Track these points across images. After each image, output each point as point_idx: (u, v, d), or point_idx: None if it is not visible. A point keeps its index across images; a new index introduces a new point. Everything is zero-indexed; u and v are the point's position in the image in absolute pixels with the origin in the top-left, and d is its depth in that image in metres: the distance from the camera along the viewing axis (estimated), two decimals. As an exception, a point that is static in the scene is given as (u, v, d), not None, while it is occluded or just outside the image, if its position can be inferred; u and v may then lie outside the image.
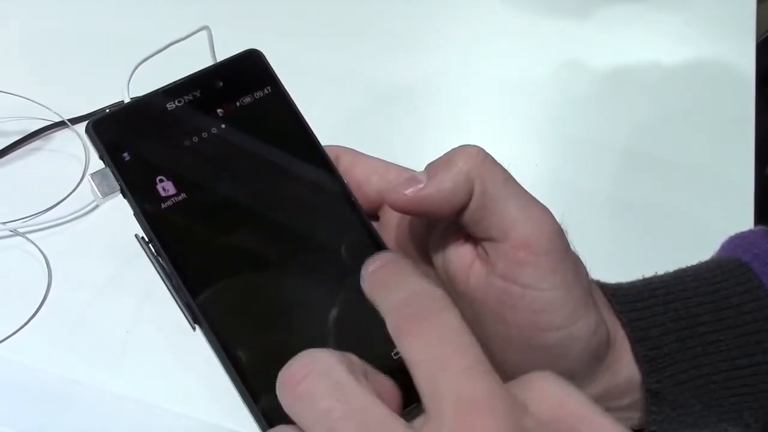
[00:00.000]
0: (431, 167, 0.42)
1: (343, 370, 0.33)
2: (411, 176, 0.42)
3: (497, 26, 0.91)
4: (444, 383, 0.31)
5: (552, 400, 0.33)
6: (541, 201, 0.43)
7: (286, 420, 0.33)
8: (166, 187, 0.41)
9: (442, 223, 0.44)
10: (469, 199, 0.41)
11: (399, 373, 0.35)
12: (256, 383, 0.38)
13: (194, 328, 0.40)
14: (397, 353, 0.41)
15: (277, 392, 0.33)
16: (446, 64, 0.86)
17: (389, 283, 0.36)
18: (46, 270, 0.64)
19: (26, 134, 0.74)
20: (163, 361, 0.58)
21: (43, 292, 0.63)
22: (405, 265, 0.36)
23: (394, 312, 0.34)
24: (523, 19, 0.92)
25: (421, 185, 0.41)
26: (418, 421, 0.31)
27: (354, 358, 0.35)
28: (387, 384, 0.35)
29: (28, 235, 0.66)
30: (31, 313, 0.61)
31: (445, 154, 0.42)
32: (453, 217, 0.42)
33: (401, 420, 0.31)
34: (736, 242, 0.53)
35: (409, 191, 0.41)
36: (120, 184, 0.40)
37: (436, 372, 0.31)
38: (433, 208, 0.42)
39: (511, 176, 0.42)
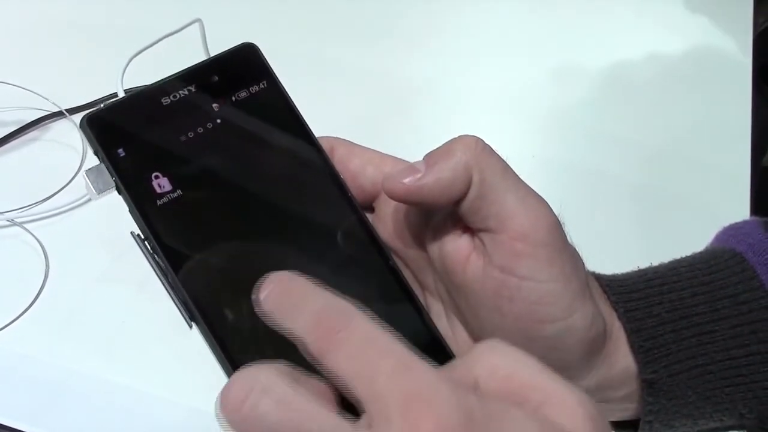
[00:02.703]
0: (430, 157, 0.42)
1: (283, 382, 0.32)
2: (409, 165, 0.42)
3: (495, 21, 0.91)
4: (380, 387, 0.30)
5: (500, 372, 0.32)
6: (538, 193, 0.43)
7: None
8: (161, 184, 0.40)
9: (438, 213, 0.44)
10: (467, 190, 0.41)
11: None
12: None
13: (191, 326, 0.40)
14: None
15: (220, 416, 0.33)
16: (443, 58, 0.86)
17: (292, 306, 0.34)
18: (44, 260, 0.64)
19: (23, 124, 0.74)
20: (159, 351, 0.58)
21: (41, 282, 0.63)
22: (300, 283, 0.35)
23: (307, 335, 0.33)
24: (521, 14, 0.92)
25: (419, 174, 0.41)
26: (362, 422, 0.31)
27: (283, 366, 0.34)
28: (319, 385, 0.34)
29: (25, 225, 0.66)
30: (29, 303, 0.61)
31: (443, 144, 0.42)
32: (450, 207, 0.42)
33: (349, 423, 0.31)
34: (731, 233, 0.53)
35: (407, 180, 0.41)
36: (115, 181, 0.40)
37: (369, 380, 0.31)
38: (431, 198, 0.41)
39: (510, 167, 0.42)
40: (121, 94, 0.55)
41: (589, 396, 0.32)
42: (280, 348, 0.39)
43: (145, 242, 0.40)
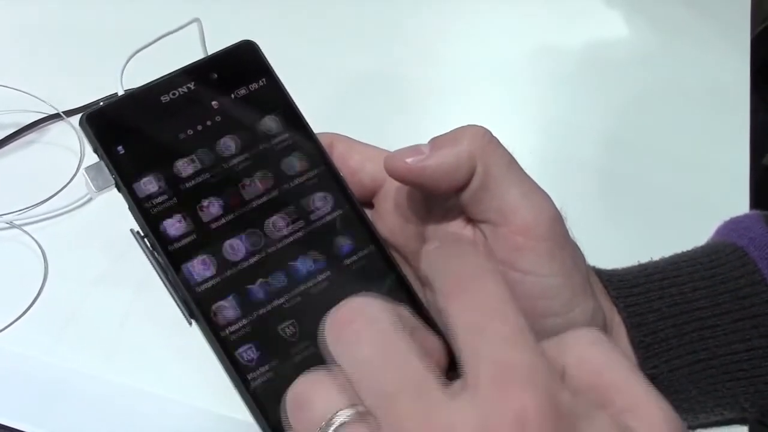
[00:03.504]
0: (436, 141, 0.42)
1: (390, 320, 0.32)
2: (413, 146, 0.42)
3: (495, 22, 0.91)
4: (483, 350, 0.30)
5: (590, 366, 0.32)
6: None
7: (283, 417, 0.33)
8: (161, 181, 0.40)
9: (439, 207, 0.44)
10: (470, 179, 0.41)
11: None
12: (253, 377, 0.38)
13: (190, 323, 0.40)
14: None
15: (323, 333, 0.32)
16: (440, 57, 0.86)
17: (444, 259, 0.34)
18: (43, 261, 0.64)
19: (21, 127, 0.73)
20: (158, 351, 0.58)
21: (40, 284, 0.63)
22: (462, 245, 0.35)
23: (442, 280, 0.33)
24: (521, 14, 0.92)
25: (423, 156, 0.41)
26: (457, 385, 0.30)
27: (404, 311, 0.34)
28: (434, 342, 0.34)
29: (24, 227, 0.66)
30: (28, 304, 0.61)
31: (451, 131, 0.42)
32: (450, 194, 0.42)
33: (439, 379, 0.30)
34: (731, 227, 0.53)
35: (410, 159, 0.41)
36: (114, 178, 0.40)
37: (476, 338, 0.30)
38: (432, 181, 0.41)
39: (515, 161, 0.42)
40: (121, 94, 0.55)
41: (675, 412, 0.31)
42: (281, 345, 0.39)
43: (145, 239, 0.40)
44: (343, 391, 0.32)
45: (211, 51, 0.45)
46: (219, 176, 0.41)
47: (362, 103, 0.80)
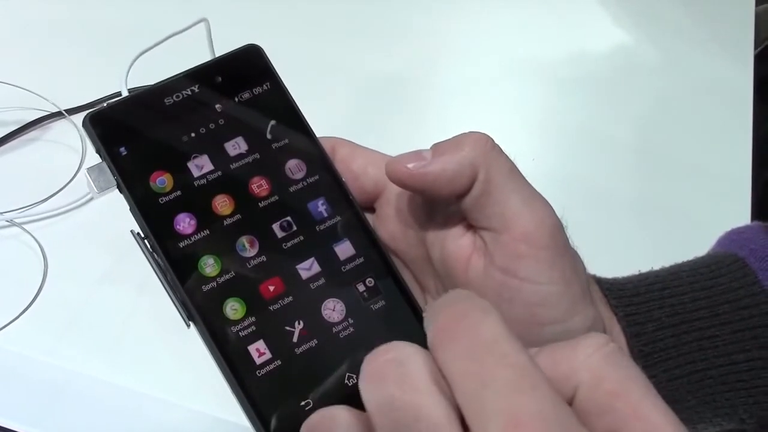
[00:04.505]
0: (438, 147, 0.42)
1: (421, 363, 0.30)
2: (415, 151, 0.42)
3: (492, 16, 0.91)
4: (487, 402, 0.28)
5: (607, 386, 0.30)
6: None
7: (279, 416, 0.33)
8: (162, 183, 0.40)
9: (440, 213, 0.44)
10: (472, 185, 0.41)
11: None
12: (249, 381, 0.38)
13: (188, 325, 0.39)
14: None
15: (361, 370, 0.31)
16: (440, 55, 0.87)
17: (432, 310, 0.32)
18: (42, 260, 0.64)
19: (23, 124, 0.74)
20: (158, 352, 0.58)
21: (39, 283, 0.63)
22: (452, 293, 0.32)
23: (431, 324, 0.31)
24: (519, 8, 0.92)
25: (425, 162, 0.41)
26: None
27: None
28: None
29: (24, 226, 0.66)
30: (27, 304, 0.61)
31: (453, 137, 0.42)
32: (450, 200, 0.42)
33: (459, 429, 0.29)
34: (732, 237, 0.53)
35: (411, 165, 0.41)
36: (116, 179, 0.40)
37: (478, 389, 0.28)
38: (434, 187, 0.41)
39: (516, 168, 0.42)
40: (126, 94, 0.55)
41: None
42: (280, 347, 0.39)
43: (145, 241, 0.40)
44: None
45: (218, 51, 0.45)
46: (221, 179, 0.41)
47: (367, 105, 0.80)
